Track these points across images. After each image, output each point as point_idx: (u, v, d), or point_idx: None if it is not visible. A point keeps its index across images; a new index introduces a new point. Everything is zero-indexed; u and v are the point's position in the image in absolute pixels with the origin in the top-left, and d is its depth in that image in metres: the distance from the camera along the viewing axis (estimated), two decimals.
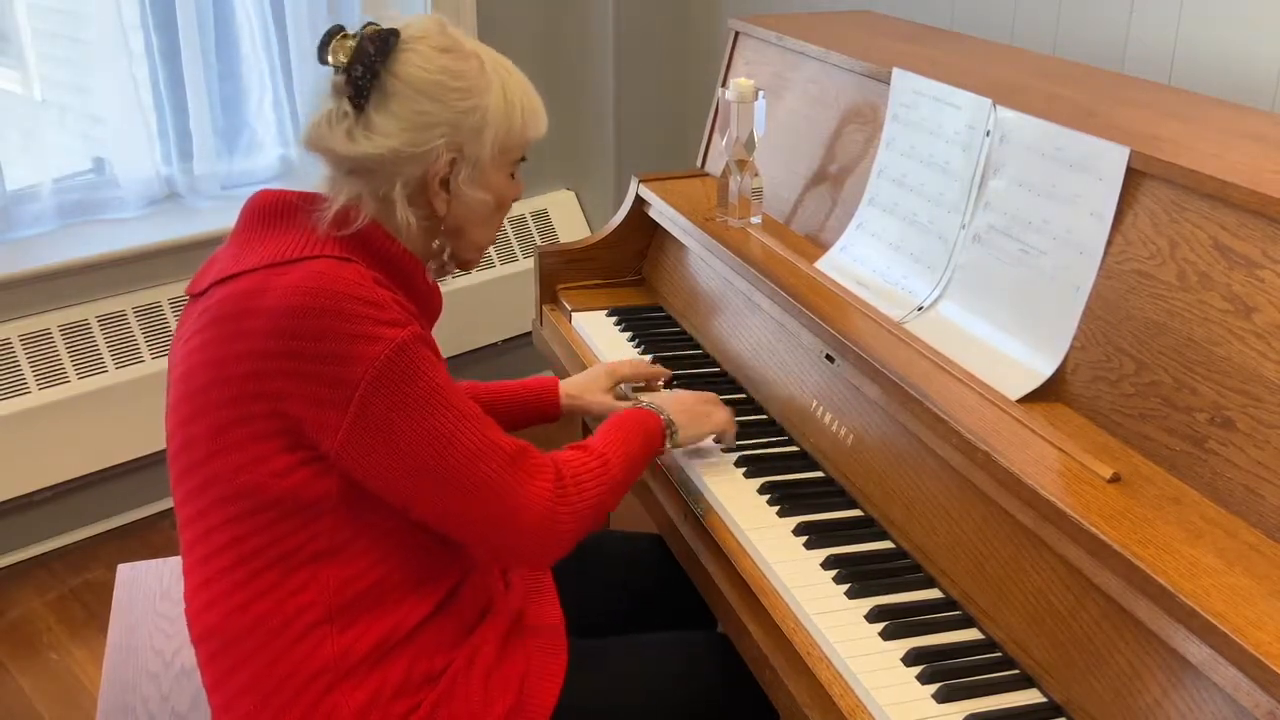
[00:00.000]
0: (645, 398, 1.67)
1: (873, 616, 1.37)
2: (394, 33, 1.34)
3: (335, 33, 1.35)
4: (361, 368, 1.24)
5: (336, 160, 1.35)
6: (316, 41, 1.36)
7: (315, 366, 1.24)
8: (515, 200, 1.49)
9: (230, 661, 1.34)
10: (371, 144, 1.32)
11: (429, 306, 1.44)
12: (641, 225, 2.26)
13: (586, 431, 2.21)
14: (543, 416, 1.80)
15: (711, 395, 1.72)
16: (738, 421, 1.72)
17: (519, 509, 1.33)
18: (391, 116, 1.33)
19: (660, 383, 1.88)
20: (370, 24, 1.36)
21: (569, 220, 3.52)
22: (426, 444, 1.28)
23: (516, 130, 1.40)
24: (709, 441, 1.70)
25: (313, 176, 1.39)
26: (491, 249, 3.31)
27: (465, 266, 1.50)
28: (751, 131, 1.99)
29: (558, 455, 1.43)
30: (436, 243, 1.43)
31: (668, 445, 1.60)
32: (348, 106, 1.33)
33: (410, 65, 1.33)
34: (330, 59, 1.35)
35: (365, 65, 1.32)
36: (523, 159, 1.46)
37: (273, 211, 1.36)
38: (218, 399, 1.28)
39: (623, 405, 1.80)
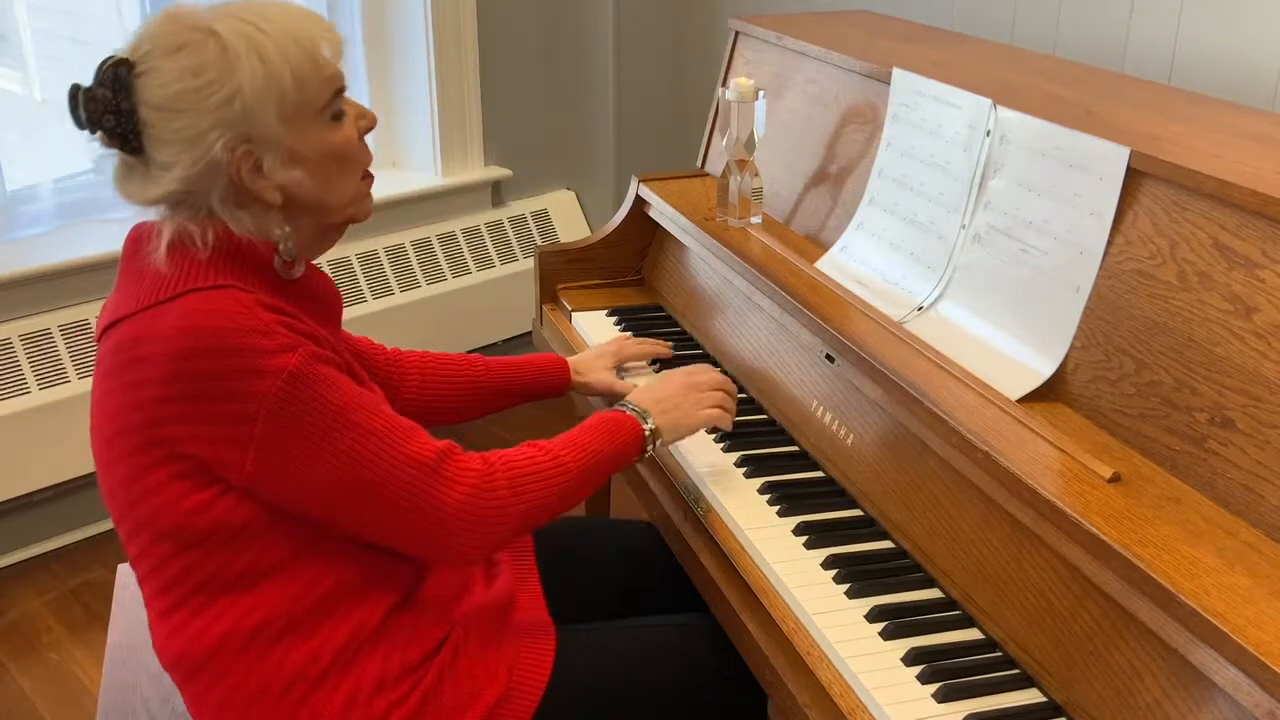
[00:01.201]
0: (632, 397, 1.58)
1: (873, 616, 1.37)
2: (123, 64, 1.24)
3: (74, 93, 1.26)
4: (256, 403, 1.20)
5: (150, 205, 1.29)
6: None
7: (209, 407, 1.21)
8: (367, 132, 1.36)
9: (203, 683, 1.33)
10: (166, 181, 1.25)
11: (322, 302, 1.39)
12: (641, 225, 2.26)
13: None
14: (549, 392, 1.80)
15: (706, 376, 1.63)
16: (738, 422, 1.71)
17: (442, 518, 1.30)
18: (164, 145, 1.24)
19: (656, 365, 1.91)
20: (107, 59, 1.26)
21: (569, 220, 3.52)
22: (335, 469, 1.25)
23: (291, 89, 1.26)
24: (705, 435, 1.68)
25: None
26: (491, 249, 3.33)
27: (356, 220, 1.39)
28: (751, 131, 1.99)
29: (504, 453, 1.38)
30: (289, 229, 1.32)
31: (649, 450, 1.53)
32: (126, 156, 1.27)
33: (150, 89, 1.23)
34: (82, 121, 1.26)
35: (113, 113, 1.24)
36: (338, 93, 1.32)
37: (138, 250, 1.30)
38: (123, 449, 1.27)
39: (623, 385, 1.82)
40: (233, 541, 1.28)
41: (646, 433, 1.53)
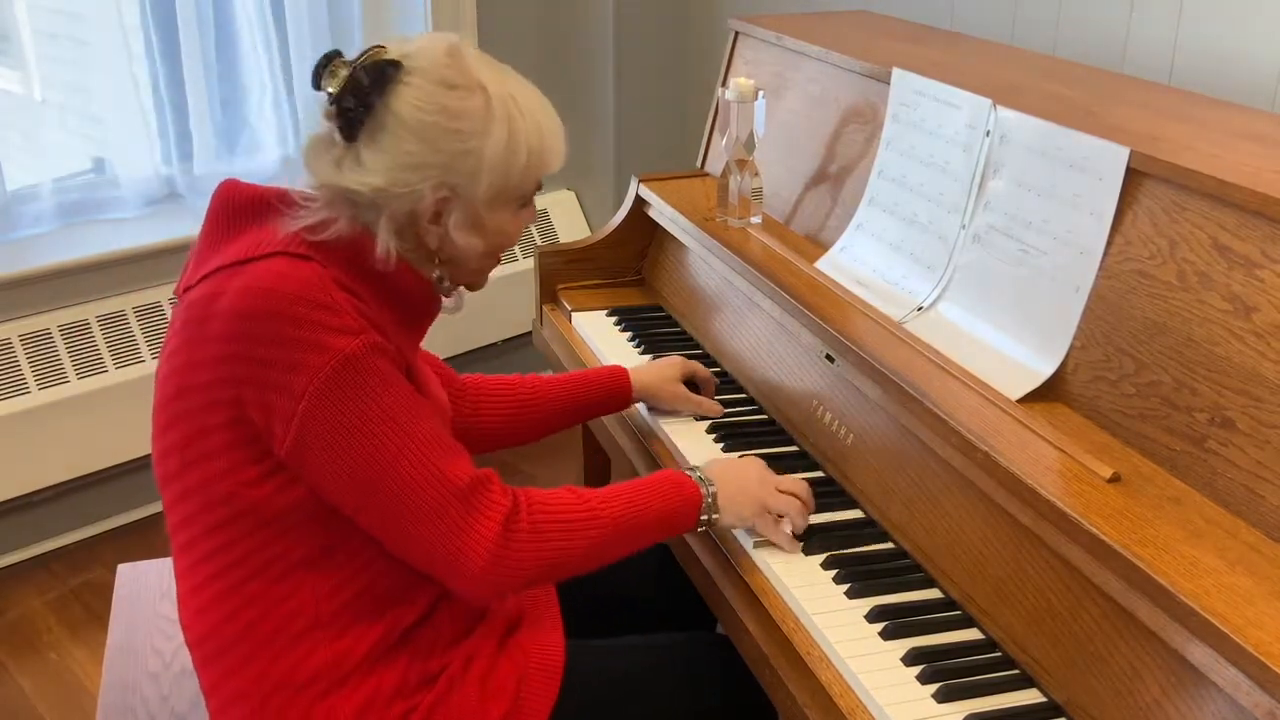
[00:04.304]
0: (703, 465, 1.51)
1: (873, 616, 1.37)
2: (394, 64, 1.26)
3: (332, 56, 1.28)
4: (306, 378, 1.20)
5: (322, 182, 1.29)
6: (316, 44, 1.31)
7: (265, 372, 1.21)
8: (528, 223, 1.42)
9: (225, 667, 1.34)
10: (356, 178, 1.26)
11: (413, 307, 1.37)
12: (641, 225, 2.26)
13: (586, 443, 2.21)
14: (611, 406, 1.77)
15: (790, 480, 1.53)
16: (739, 422, 1.71)
17: (460, 548, 1.27)
18: (381, 153, 1.26)
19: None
20: (377, 48, 1.29)
21: (569, 220, 3.52)
22: (366, 464, 1.23)
23: (517, 174, 1.32)
24: (702, 434, 1.67)
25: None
26: None
27: (469, 290, 1.45)
28: (751, 131, 1.99)
29: (538, 494, 1.35)
30: (428, 270, 1.37)
31: (703, 521, 1.45)
32: (338, 136, 1.27)
33: (406, 102, 1.26)
34: (324, 85, 1.27)
35: (358, 97, 1.25)
36: (537, 188, 1.39)
37: (241, 209, 1.30)
38: (185, 408, 1.27)
39: (699, 400, 1.79)
40: (275, 522, 1.27)
41: (704, 503, 1.45)
